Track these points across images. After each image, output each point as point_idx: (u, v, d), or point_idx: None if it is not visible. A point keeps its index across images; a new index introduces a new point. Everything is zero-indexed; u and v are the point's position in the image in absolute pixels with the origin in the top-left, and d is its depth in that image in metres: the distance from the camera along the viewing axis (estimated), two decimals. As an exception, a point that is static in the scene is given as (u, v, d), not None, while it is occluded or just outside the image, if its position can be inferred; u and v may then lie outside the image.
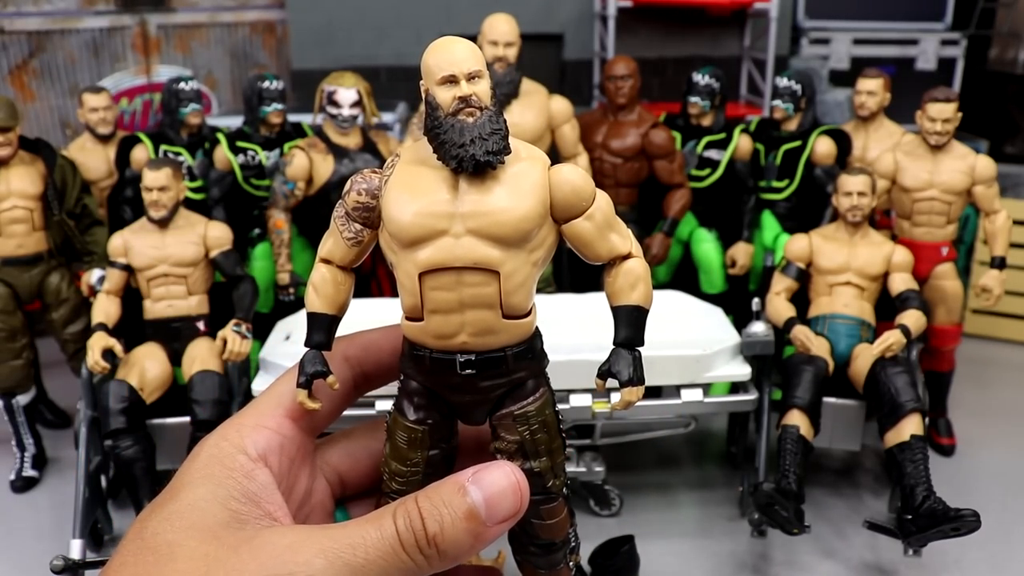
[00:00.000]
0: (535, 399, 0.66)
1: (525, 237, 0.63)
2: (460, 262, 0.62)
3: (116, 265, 3.02)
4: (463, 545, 0.57)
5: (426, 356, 0.65)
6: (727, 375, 2.95)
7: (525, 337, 0.66)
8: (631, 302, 0.70)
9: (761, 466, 2.93)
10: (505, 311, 0.63)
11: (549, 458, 0.67)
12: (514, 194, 0.63)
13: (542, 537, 0.68)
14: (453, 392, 0.66)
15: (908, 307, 3.08)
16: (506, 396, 0.66)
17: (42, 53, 4.79)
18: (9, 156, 3.28)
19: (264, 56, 5.37)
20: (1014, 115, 5.64)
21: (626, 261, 0.70)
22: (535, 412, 0.66)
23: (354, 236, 0.69)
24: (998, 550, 2.92)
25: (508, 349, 0.64)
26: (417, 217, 0.63)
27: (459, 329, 0.63)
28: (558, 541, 0.69)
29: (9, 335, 3.32)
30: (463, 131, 0.63)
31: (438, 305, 0.63)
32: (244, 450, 0.60)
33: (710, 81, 3.81)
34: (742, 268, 3.85)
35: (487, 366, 0.64)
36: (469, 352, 0.64)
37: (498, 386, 0.65)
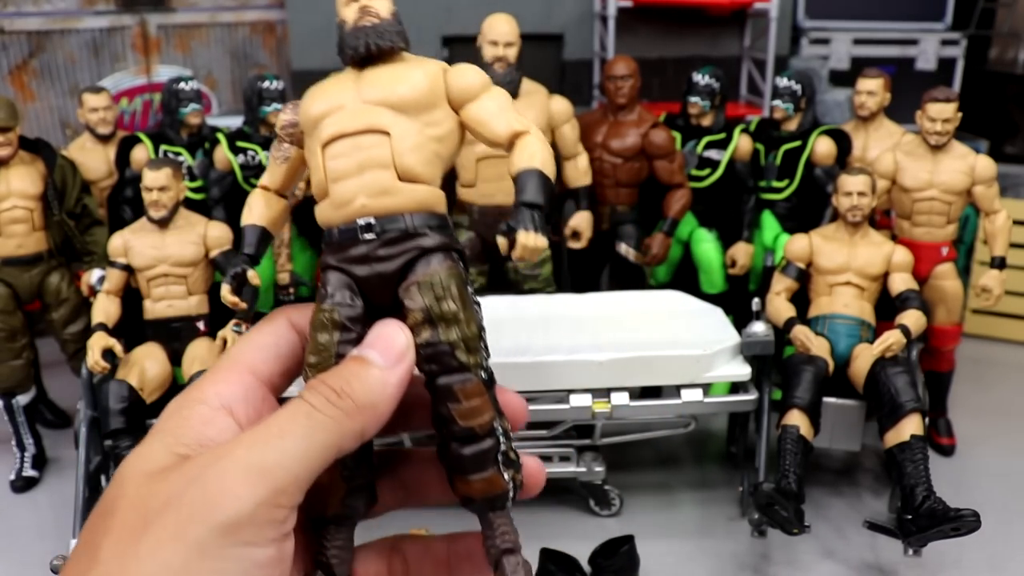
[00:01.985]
0: (443, 268, 0.65)
1: (418, 106, 0.67)
2: (355, 127, 0.67)
3: (116, 265, 3.02)
4: (373, 388, 0.58)
5: (334, 232, 0.67)
6: (727, 375, 2.96)
7: (429, 209, 0.67)
8: (528, 166, 0.71)
9: (761, 466, 2.93)
10: (400, 172, 0.66)
11: (459, 328, 0.64)
12: (408, 74, 0.69)
13: (460, 425, 0.64)
14: (359, 264, 0.66)
15: (908, 307, 3.08)
16: (411, 265, 0.66)
17: (42, 53, 4.78)
18: (9, 156, 3.28)
19: (264, 56, 5.37)
20: (1014, 115, 5.64)
21: (524, 136, 0.72)
22: (442, 280, 0.65)
23: (282, 154, 0.75)
24: (998, 550, 2.92)
25: (408, 214, 0.66)
26: (321, 102, 0.69)
27: (357, 192, 0.65)
28: (479, 431, 0.65)
29: (9, 335, 3.32)
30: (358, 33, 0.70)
31: (338, 173, 0.66)
32: (204, 401, 0.60)
33: (710, 81, 3.81)
34: (742, 268, 3.85)
35: (387, 227, 0.65)
36: (368, 215, 0.65)
37: (402, 252, 0.65)
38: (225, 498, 0.49)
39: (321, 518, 0.65)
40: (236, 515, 0.49)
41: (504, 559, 0.64)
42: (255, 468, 0.51)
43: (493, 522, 0.67)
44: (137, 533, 0.49)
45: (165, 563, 0.47)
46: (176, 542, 0.48)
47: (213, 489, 0.50)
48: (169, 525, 0.48)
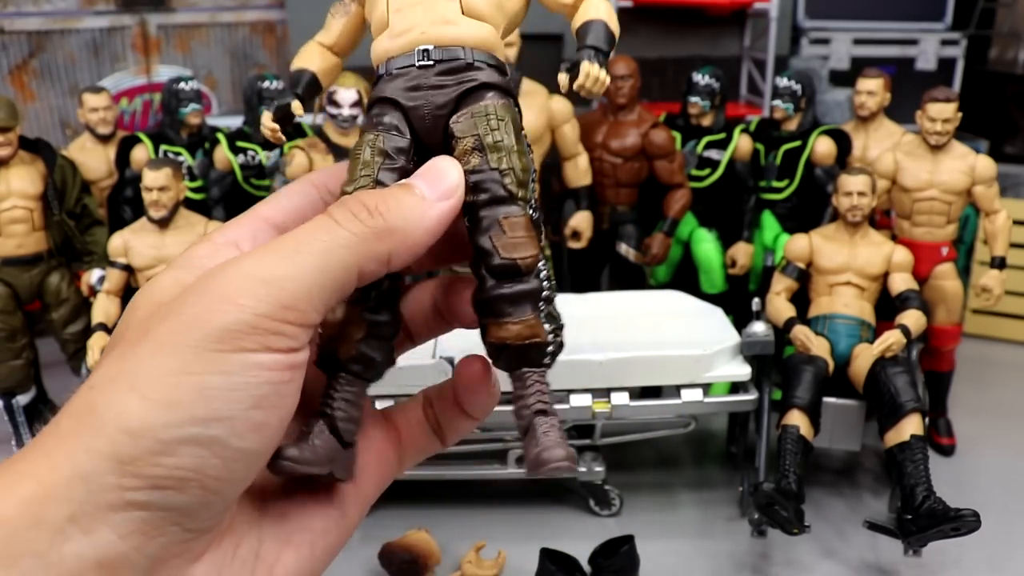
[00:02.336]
0: (499, 102, 0.61)
1: None
2: None
3: (116, 265, 3.02)
4: (411, 214, 0.53)
5: (391, 63, 0.62)
6: (727, 375, 2.96)
7: (486, 45, 0.63)
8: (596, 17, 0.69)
9: (761, 466, 2.93)
10: (464, 5, 0.62)
11: (510, 158, 0.59)
12: None
13: (501, 255, 0.57)
14: (412, 93, 0.61)
15: (908, 307, 3.08)
16: (465, 96, 0.61)
17: (42, 53, 4.78)
18: (9, 156, 3.28)
19: (264, 56, 5.37)
20: (1014, 115, 5.64)
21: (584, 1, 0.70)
22: (498, 112, 0.60)
23: (343, 7, 0.72)
24: (998, 550, 2.92)
25: (468, 48, 0.62)
26: None
27: (419, 20, 0.62)
28: (522, 266, 0.57)
29: (9, 335, 3.32)
30: None
31: (401, 3, 0.63)
32: (212, 240, 0.56)
33: (710, 81, 3.81)
34: (742, 268, 3.85)
35: (444, 58, 0.61)
36: (428, 43, 0.61)
37: (460, 83, 0.61)
38: (225, 305, 0.46)
39: (333, 360, 0.57)
40: (235, 322, 0.45)
41: (536, 420, 0.56)
42: (261, 278, 0.47)
43: (527, 379, 0.57)
44: (139, 340, 0.46)
45: (163, 365, 0.44)
46: (175, 346, 0.45)
47: (214, 296, 0.46)
48: (169, 331, 0.45)
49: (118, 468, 0.42)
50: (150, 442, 0.42)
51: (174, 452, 0.43)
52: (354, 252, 0.50)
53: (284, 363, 0.46)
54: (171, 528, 0.44)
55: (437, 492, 3.15)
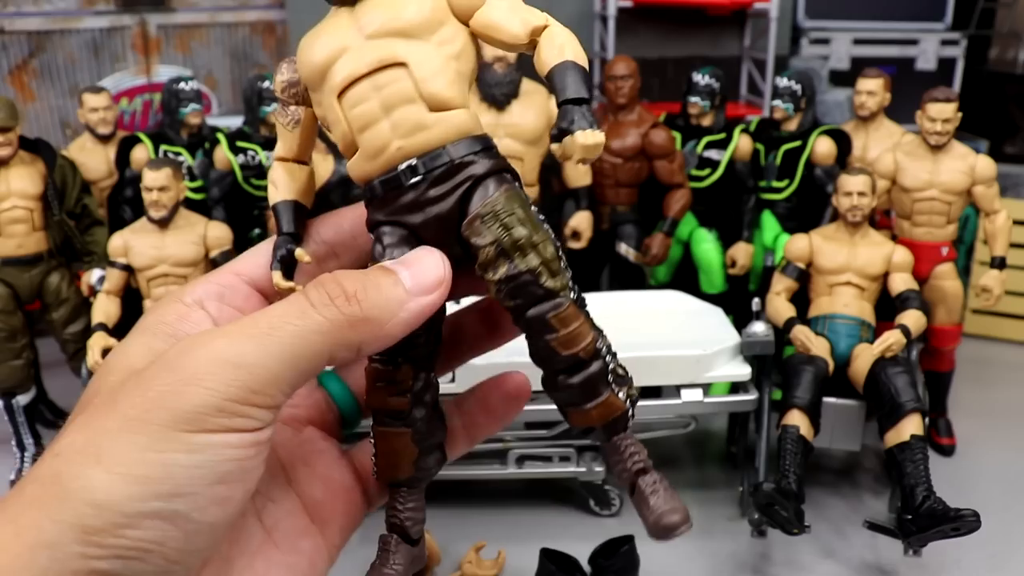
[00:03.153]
0: (501, 193, 0.59)
1: (426, 27, 0.61)
2: (368, 67, 0.60)
3: (116, 265, 3.03)
4: (388, 304, 0.52)
5: (376, 187, 0.61)
6: (727, 375, 2.96)
7: (464, 131, 0.60)
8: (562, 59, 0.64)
9: (761, 466, 2.93)
10: (428, 103, 0.59)
11: (536, 253, 0.58)
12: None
13: (562, 355, 0.58)
14: (410, 213, 0.60)
15: (908, 307, 3.08)
16: (469, 198, 0.60)
17: (42, 53, 4.78)
18: (9, 156, 3.28)
19: (264, 56, 5.37)
20: (1014, 115, 5.64)
21: (547, 30, 0.66)
22: (503, 205, 0.59)
23: (291, 117, 0.67)
24: (998, 550, 2.92)
25: (448, 144, 0.60)
26: (321, 48, 0.62)
27: (391, 136, 0.59)
28: (584, 356, 0.58)
29: (9, 335, 3.32)
30: None
31: (363, 121, 0.60)
32: (181, 300, 0.57)
33: (710, 81, 3.81)
34: (742, 268, 3.85)
35: (431, 167, 0.59)
36: (408, 158, 0.59)
37: (454, 189, 0.59)
38: (193, 387, 0.46)
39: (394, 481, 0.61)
40: (202, 405, 0.46)
41: (639, 480, 0.58)
42: (231, 363, 0.47)
43: (619, 446, 0.60)
44: (107, 411, 0.47)
45: (130, 441, 0.45)
46: (142, 423, 0.46)
47: (183, 376, 0.47)
48: (137, 407, 0.46)
49: (83, 538, 0.43)
50: (115, 515, 0.44)
51: (138, 525, 0.44)
52: (326, 339, 0.50)
53: (248, 441, 0.48)
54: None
55: (437, 492, 3.15)
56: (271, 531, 0.57)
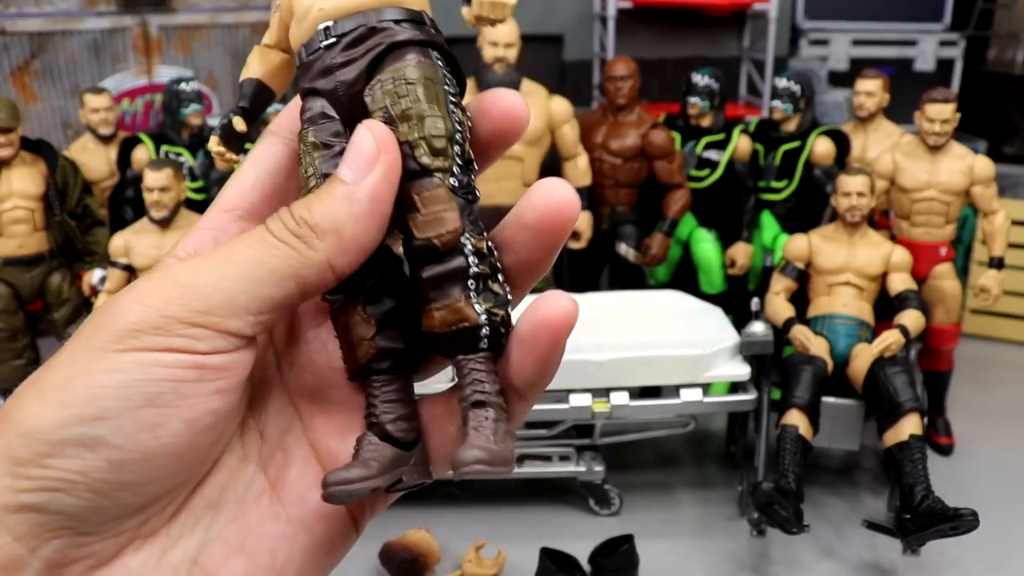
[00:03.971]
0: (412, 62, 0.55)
1: None
2: None
3: (117, 265, 3.03)
4: (336, 210, 0.49)
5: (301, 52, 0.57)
6: (726, 375, 2.97)
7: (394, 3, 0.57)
8: None
9: (760, 465, 2.94)
10: None
11: (421, 126, 0.54)
12: None
13: (417, 236, 0.52)
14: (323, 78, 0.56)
15: (907, 307, 3.09)
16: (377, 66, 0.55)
17: (43, 54, 4.79)
18: (11, 157, 3.29)
19: (264, 57, 5.37)
20: (1012, 116, 5.65)
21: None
22: (406, 74, 0.54)
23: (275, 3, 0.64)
24: (996, 549, 2.93)
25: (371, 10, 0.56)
26: None
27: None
28: (439, 246, 0.52)
29: (10, 335, 3.33)
30: None
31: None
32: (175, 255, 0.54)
33: (709, 82, 3.82)
34: (741, 268, 3.86)
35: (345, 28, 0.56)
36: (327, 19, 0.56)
37: (368, 51, 0.55)
38: (132, 304, 0.44)
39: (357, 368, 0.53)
40: (137, 322, 0.43)
41: (471, 412, 0.48)
42: (180, 282, 0.45)
43: (463, 368, 0.50)
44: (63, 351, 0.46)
45: (67, 367, 0.44)
46: (83, 349, 0.44)
47: (127, 297, 0.45)
48: (82, 334, 0.45)
49: (11, 470, 0.41)
50: (39, 443, 0.42)
51: (60, 453, 0.42)
52: (287, 262, 0.47)
53: (187, 363, 0.44)
54: (64, 531, 0.42)
55: (437, 492, 3.16)
56: (275, 482, 0.52)
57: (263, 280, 0.46)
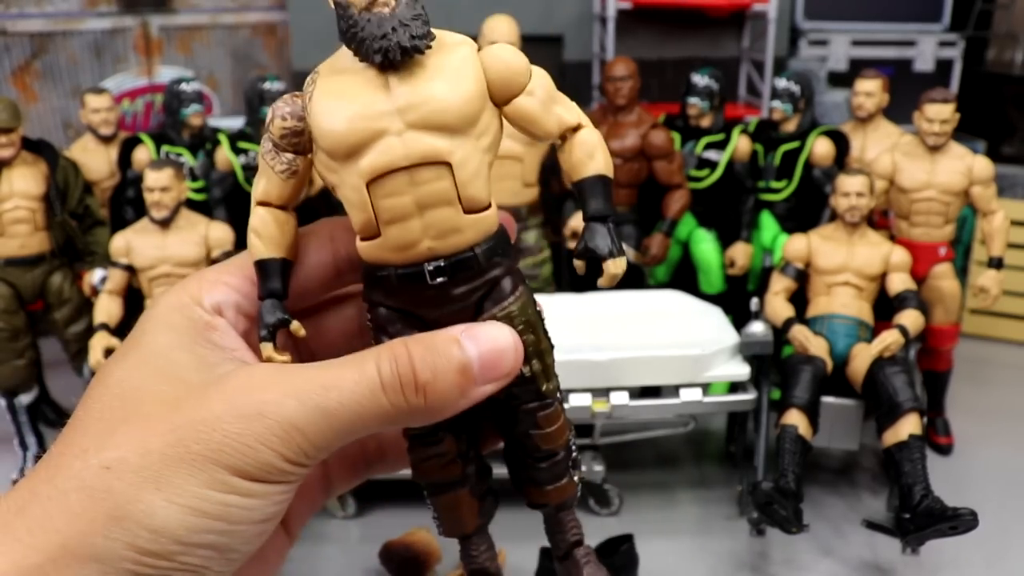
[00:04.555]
0: (516, 298, 0.60)
1: (470, 121, 0.58)
2: (408, 160, 0.57)
3: (118, 265, 3.04)
4: (450, 400, 0.54)
5: (391, 275, 0.59)
6: (726, 375, 2.97)
7: (491, 232, 0.60)
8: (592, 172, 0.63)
9: (760, 465, 2.95)
10: (465, 205, 0.58)
11: (539, 360, 0.61)
12: (449, 78, 0.58)
13: (542, 448, 0.63)
14: (427, 307, 0.60)
15: (906, 307, 3.10)
16: (484, 300, 0.60)
17: (44, 54, 4.80)
18: (11, 157, 3.29)
19: (265, 57, 5.38)
20: (1011, 116, 5.66)
21: (578, 132, 0.64)
22: (518, 311, 0.60)
23: (287, 167, 0.63)
24: (995, 549, 2.93)
25: (476, 247, 0.59)
26: (352, 122, 0.57)
27: (421, 235, 0.58)
28: (559, 449, 0.64)
29: (11, 335, 3.33)
30: (381, 22, 0.58)
31: (394, 214, 0.57)
32: (200, 302, 0.57)
33: (709, 82, 3.83)
34: (741, 268, 3.86)
35: (458, 269, 0.58)
36: (436, 258, 0.58)
37: (474, 290, 0.59)
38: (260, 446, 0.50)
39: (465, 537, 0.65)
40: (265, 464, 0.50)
41: (574, 551, 0.65)
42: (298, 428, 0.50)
43: (563, 520, 0.66)
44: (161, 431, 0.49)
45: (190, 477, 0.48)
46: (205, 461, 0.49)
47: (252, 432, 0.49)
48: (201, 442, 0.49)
49: (135, 558, 0.46)
50: (170, 542, 0.47)
51: (191, 553, 0.48)
52: (384, 422, 0.53)
53: (292, 489, 0.52)
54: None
55: (437, 491, 3.16)
56: None
57: (359, 432, 0.53)
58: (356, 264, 0.63)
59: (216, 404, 0.50)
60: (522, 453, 0.64)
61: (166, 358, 0.54)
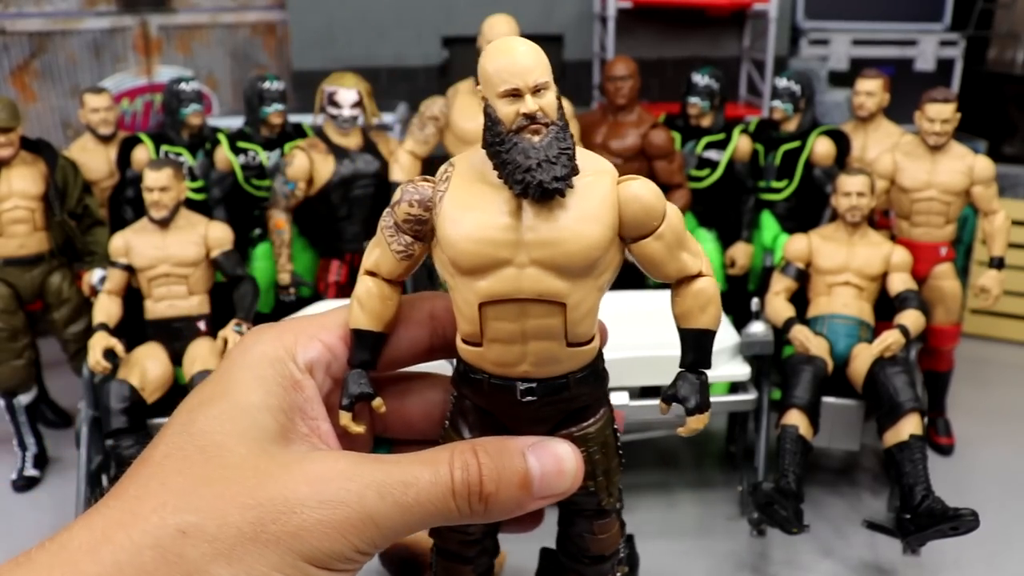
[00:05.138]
0: (595, 420, 0.64)
1: (593, 265, 0.60)
2: (524, 294, 0.58)
3: (117, 265, 3.03)
4: (508, 509, 0.58)
5: (484, 380, 0.61)
6: (726, 375, 2.96)
7: (588, 362, 0.63)
8: (700, 325, 0.65)
9: (760, 466, 2.94)
10: (570, 340, 0.61)
11: (605, 478, 0.66)
12: (582, 220, 0.59)
13: (592, 551, 0.69)
14: (510, 416, 0.63)
15: (907, 307, 3.09)
16: (566, 418, 0.63)
17: (43, 54, 4.79)
18: (11, 156, 3.29)
19: (265, 57, 5.38)
20: (1012, 116, 5.65)
21: (696, 280, 0.65)
22: (595, 434, 0.64)
23: (404, 249, 0.64)
24: (996, 549, 2.93)
25: (571, 375, 0.62)
26: (478, 245, 0.58)
27: (521, 359, 0.60)
28: (608, 554, 0.69)
29: (11, 335, 3.33)
30: (528, 152, 0.57)
31: (499, 335, 0.60)
32: (294, 358, 0.60)
33: (709, 82, 3.82)
34: (741, 268, 3.86)
35: (549, 392, 0.61)
36: (531, 380, 0.60)
37: (559, 411, 0.63)
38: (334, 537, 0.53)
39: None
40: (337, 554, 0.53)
41: None
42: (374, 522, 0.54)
43: None
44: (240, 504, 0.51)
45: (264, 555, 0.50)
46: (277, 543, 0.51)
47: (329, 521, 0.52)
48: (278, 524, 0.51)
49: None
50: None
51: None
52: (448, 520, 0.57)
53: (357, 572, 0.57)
54: None
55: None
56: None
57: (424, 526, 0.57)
58: (451, 346, 0.65)
59: (300, 487, 0.52)
60: (574, 550, 0.70)
61: (254, 420, 0.56)
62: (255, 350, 0.59)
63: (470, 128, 3.47)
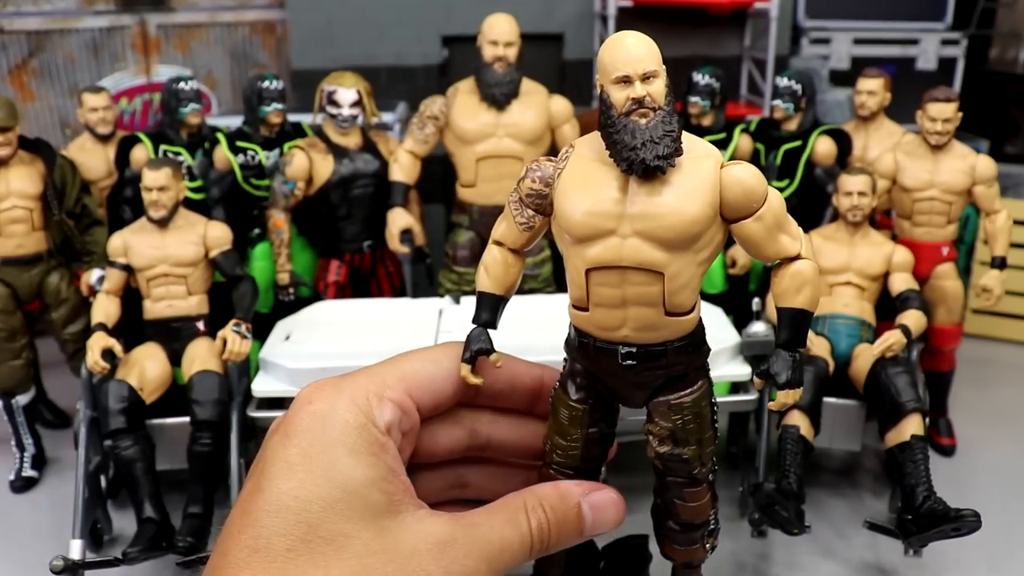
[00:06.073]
0: (693, 391, 0.69)
1: (692, 240, 0.64)
2: (626, 262, 0.64)
3: (116, 265, 3.02)
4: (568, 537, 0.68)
5: (590, 344, 0.68)
6: (727, 375, 2.95)
7: (687, 332, 0.68)
8: (796, 305, 0.70)
9: (761, 466, 2.93)
10: (668, 309, 0.65)
11: (698, 447, 0.70)
12: (683, 196, 0.64)
13: (683, 518, 0.75)
14: (614, 378, 0.69)
15: (908, 307, 3.08)
16: (665, 385, 0.69)
17: (42, 53, 4.79)
18: (9, 156, 3.28)
19: (264, 56, 5.37)
20: (1014, 115, 5.64)
21: (795, 263, 0.70)
22: (691, 403, 0.68)
23: (526, 222, 0.72)
24: (998, 550, 2.92)
25: (669, 344, 0.66)
26: (587, 216, 0.65)
27: (622, 323, 0.65)
28: (698, 522, 0.75)
29: (9, 335, 3.32)
30: (635, 133, 0.64)
31: (603, 300, 0.65)
32: (374, 421, 0.63)
33: (710, 81, 3.81)
34: (742, 268, 3.84)
35: (647, 359, 0.66)
36: (631, 345, 0.66)
37: (657, 376, 0.68)
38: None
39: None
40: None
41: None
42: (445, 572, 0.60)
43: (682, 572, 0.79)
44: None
45: None
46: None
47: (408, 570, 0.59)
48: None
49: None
50: None
51: None
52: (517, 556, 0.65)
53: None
54: None
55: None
56: None
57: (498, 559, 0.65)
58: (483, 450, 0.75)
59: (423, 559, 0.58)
60: (665, 513, 0.78)
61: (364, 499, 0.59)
62: (336, 419, 0.61)
63: (470, 128, 3.46)
